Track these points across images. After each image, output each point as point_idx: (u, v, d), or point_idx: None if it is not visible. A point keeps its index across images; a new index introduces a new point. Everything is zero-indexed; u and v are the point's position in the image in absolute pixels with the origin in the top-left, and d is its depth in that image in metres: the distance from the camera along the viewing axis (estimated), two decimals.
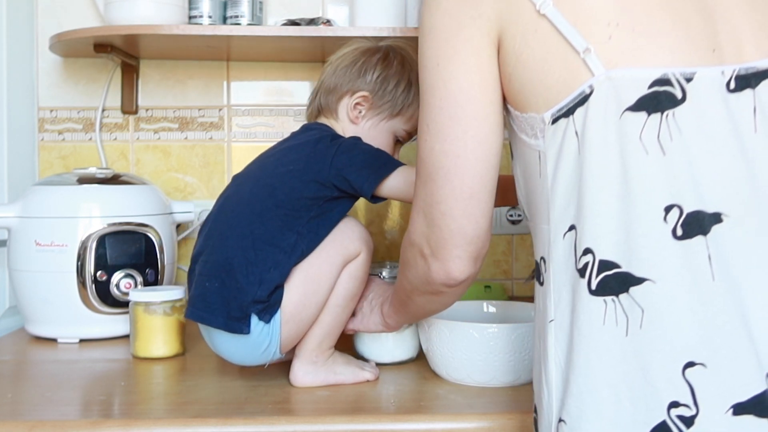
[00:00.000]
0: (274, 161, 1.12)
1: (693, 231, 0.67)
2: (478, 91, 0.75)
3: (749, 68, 0.70)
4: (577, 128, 0.70)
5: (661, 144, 0.68)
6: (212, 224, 1.10)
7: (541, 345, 0.76)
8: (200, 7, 1.50)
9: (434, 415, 0.96)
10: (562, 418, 0.71)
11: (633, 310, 0.68)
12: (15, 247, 1.38)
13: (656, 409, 0.66)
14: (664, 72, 0.68)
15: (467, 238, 0.79)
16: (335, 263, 1.07)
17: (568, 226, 0.72)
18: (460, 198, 0.77)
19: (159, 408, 1.00)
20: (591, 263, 0.70)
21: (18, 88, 1.59)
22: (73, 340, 1.37)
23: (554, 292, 0.73)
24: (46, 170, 1.67)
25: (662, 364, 0.67)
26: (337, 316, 1.09)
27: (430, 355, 1.12)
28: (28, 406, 1.01)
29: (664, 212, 0.67)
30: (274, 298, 1.04)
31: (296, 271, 1.06)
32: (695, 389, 0.66)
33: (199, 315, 1.07)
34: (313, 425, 0.94)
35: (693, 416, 0.66)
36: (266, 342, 1.05)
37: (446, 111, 0.76)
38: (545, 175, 0.74)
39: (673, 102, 0.68)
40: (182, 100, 1.69)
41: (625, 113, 0.68)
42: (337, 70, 1.18)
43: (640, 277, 0.68)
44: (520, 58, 0.73)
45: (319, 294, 1.06)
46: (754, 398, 0.66)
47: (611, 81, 0.68)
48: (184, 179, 1.69)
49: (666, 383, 0.66)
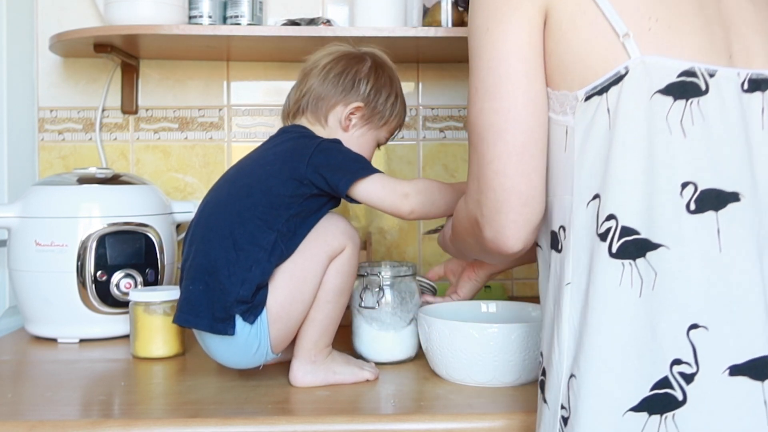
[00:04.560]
0: (250, 163, 1.14)
1: (705, 206, 0.74)
2: (529, 51, 0.79)
3: (759, 75, 0.79)
4: (610, 105, 0.76)
5: (683, 127, 0.75)
6: (194, 229, 1.12)
7: (555, 309, 0.81)
8: (200, 7, 1.50)
9: (434, 415, 0.96)
10: (573, 373, 0.77)
11: (648, 273, 0.74)
12: (15, 247, 1.38)
13: (660, 365, 0.72)
14: (692, 65, 0.75)
15: (522, 197, 0.79)
16: (320, 260, 1.07)
17: (592, 195, 0.77)
18: (513, 153, 0.79)
19: (159, 408, 1.00)
20: (614, 228, 0.75)
21: (18, 88, 1.59)
22: (73, 340, 1.37)
23: (573, 256, 0.79)
24: (46, 170, 1.67)
25: (669, 324, 0.73)
26: (328, 312, 1.09)
27: (430, 355, 1.12)
28: (28, 406, 1.01)
29: (681, 188, 0.74)
30: (257, 298, 1.04)
31: (281, 271, 1.06)
32: (697, 349, 0.72)
33: (185, 319, 1.08)
34: (312, 425, 0.94)
35: (693, 374, 0.72)
36: (256, 343, 1.05)
37: (495, 71, 0.79)
38: (572, 149, 0.79)
39: (697, 92, 0.75)
40: (182, 100, 1.69)
41: (655, 95, 0.75)
42: (327, 79, 1.18)
43: (657, 243, 0.74)
44: (565, 36, 0.78)
45: (306, 292, 1.07)
46: (750, 361, 0.72)
47: (645, 65, 0.75)
48: (184, 179, 1.69)
49: (671, 342, 0.72)
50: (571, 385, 0.77)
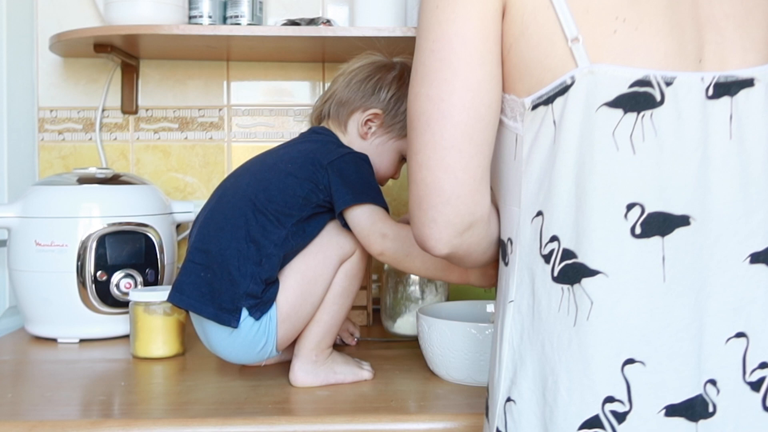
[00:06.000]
0: (275, 157, 1.14)
1: (651, 231, 0.68)
2: (477, 37, 0.71)
3: (729, 76, 0.70)
4: (555, 117, 0.70)
5: (632, 143, 0.69)
6: (209, 214, 1.11)
7: (499, 325, 0.77)
8: (200, 7, 1.50)
9: (434, 415, 0.96)
10: (511, 397, 0.73)
11: (583, 301, 0.69)
12: (15, 247, 1.38)
13: (591, 401, 0.68)
14: (646, 73, 0.69)
15: (443, 195, 0.72)
16: (331, 263, 1.07)
17: (536, 212, 0.73)
18: (439, 146, 0.71)
19: (159, 408, 1.00)
20: (556, 250, 0.71)
21: (18, 88, 1.59)
22: (73, 340, 1.37)
23: (518, 273, 0.74)
24: (46, 170, 1.67)
25: (603, 358, 0.68)
26: (334, 314, 1.09)
27: (430, 355, 1.12)
28: (28, 406, 1.01)
29: (625, 209, 0.68)
30: (267, 295, 1.04)
31: (293, 271, 1.06)
32: (631, 386, 0.67)
33: (188, 302, 1.07)
34: (312, 425, 0.94)
35: (626, 412, 0.67)
36: (263, 341, 1.05)
37: (438, 54, 0.71)
38: (520, 158, 0.74)
39: (651, 103, 0.69)
40: (182, 100, 1.69)
41: (602, 108, 0.69)
42: (351, 84, 1.17)
43: (594, 269, 0.69)
44: (523, 35, 0.71)
45: (315, 294, 1.07)
46: (687, 401, 0.67)
47: (593, 75, 0.69)
48: (184, 179, 1.69)
49: (604, 377, 0.67)
50: (509, 409, 0.73)
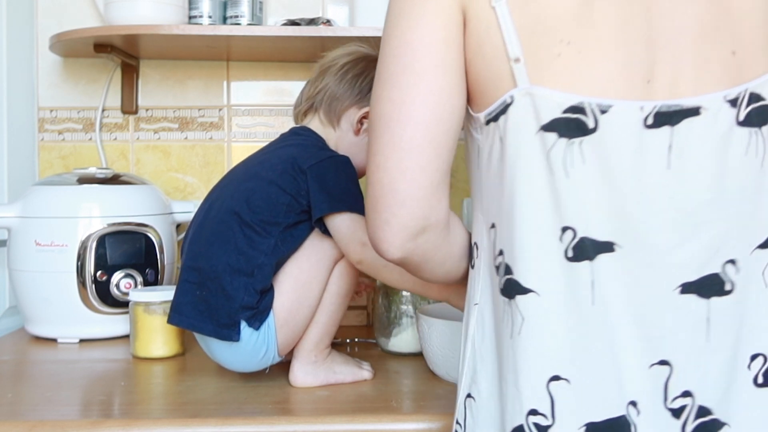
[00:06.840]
0: (256, 165, 1.12)
1: (582, 255, 0.69)
2: (441, 43, 0.71)
3: (672, 105, 0.68)
4: (501, 134, 0.72)
5: (565, 167, 0.69)
6: (197, 229, 1.10)
7: (464, 324, 0.79)
8: (200, 7, 1.50)
9: (434, 415, 0.96)
10: (470, 393, 0.77)
11: (516, 316, 0.71)
12: (15, 247, 1.38)
13: (518, 411, 0.70)
14: (581, 100, 0.68)
15: (399, 197, 0.72)
16: (324, 264, 1.07)
17: (491, 223, 0.75)
18: (397, 148, 0.71)
19: (159, 408, 1.01)
20: (502, 264, 0.73)
21: (18, 88, 1.59)
22: (73, 340, 1.37)
23: (482, 278, 0.77)
24: (46, 170, 1.67)
25: (530, 372, 0.70)
26: (332, 314, 1.09)
27: (430, 355, 1.12)
28: (28, 406, 1.01)
29: (560, 232, 0.70)
30: (263, 304, 1.04)
31: (286, 276, 1.06)
32: (555, 402, 0.69)
33: (188, 322, 1.07)
34: (312, 425, 0.94)
35: (548, 426, 0.69)
36: (263, 349, 1.05)
37: (401, 59, 0.72)
38: (480, 169, 0.76)
39: (583, 131, 0.69)
40: (182, 100, 1.69)
41: (539, 130, 0.70)
42: (344, 79, 1.16)
43: (527, 287, 0.71)
44: (479, 52, 0.71)
45: (311, 297, 1.07)
46: (608, 421, 0.68)
47: (531, 96, 0.69)
48: (184, 179, 1.69)
49: (530, 390, 0.70)
50: (468, 405, 0.76)
